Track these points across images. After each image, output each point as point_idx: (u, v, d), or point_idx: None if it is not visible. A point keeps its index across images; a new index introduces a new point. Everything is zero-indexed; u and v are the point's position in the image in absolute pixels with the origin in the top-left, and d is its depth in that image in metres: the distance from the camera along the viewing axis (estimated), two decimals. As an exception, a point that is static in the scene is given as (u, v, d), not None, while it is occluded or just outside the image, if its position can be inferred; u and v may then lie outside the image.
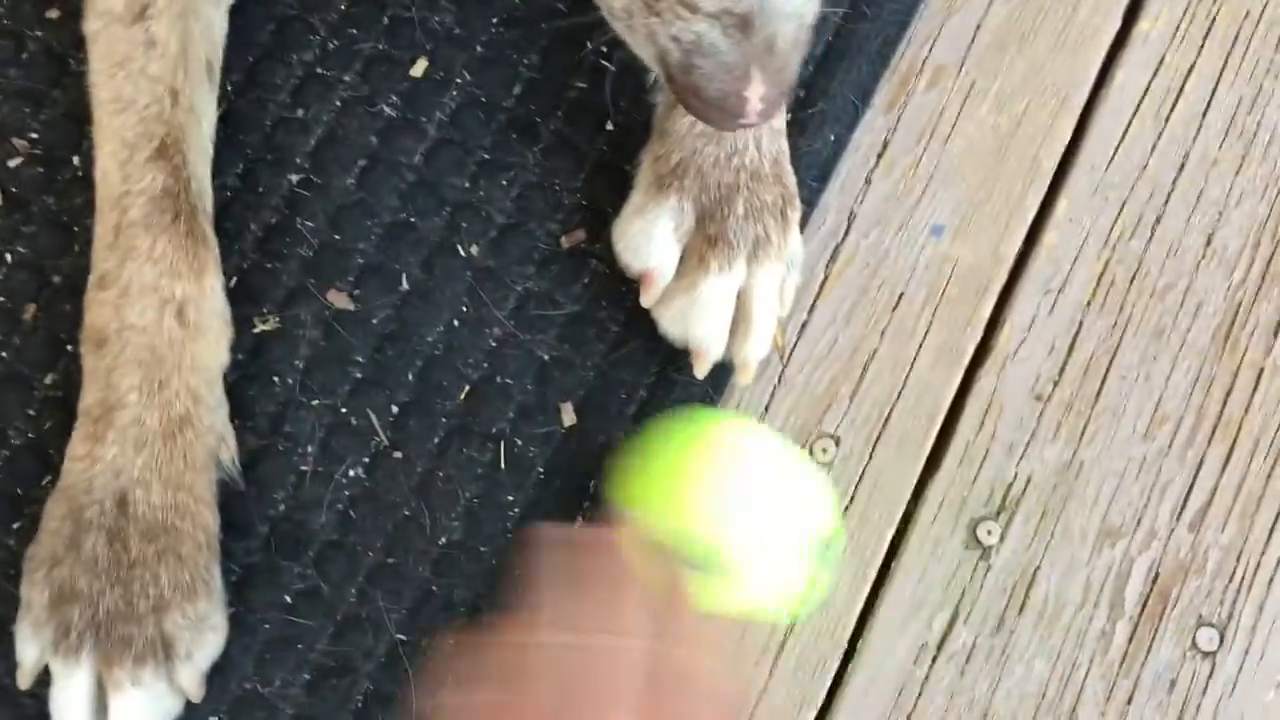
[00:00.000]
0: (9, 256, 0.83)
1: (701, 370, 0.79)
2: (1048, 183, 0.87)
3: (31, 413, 0.81)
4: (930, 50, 0.89)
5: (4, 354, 0.82)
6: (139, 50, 0.76)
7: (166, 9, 0.77)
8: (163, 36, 0.77)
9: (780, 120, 0.79)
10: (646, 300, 0.79)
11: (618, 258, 0.80)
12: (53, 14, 0.87)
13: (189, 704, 0.75)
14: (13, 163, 0.84)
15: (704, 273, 0.77)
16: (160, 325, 0.75)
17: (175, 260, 0.75)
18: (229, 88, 0.85)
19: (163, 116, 0.76)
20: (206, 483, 0.76)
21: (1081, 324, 0.85)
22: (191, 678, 0.74)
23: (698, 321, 0.78)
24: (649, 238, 0.78)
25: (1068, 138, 0.88)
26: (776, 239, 0.77)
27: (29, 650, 0.73)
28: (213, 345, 0.77)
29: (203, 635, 0.75)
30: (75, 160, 0.85)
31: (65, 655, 0.72)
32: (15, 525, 0.79)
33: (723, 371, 0.82)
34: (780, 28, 0.63)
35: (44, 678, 0.74)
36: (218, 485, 0.78)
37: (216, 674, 0.76)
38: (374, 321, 0.83)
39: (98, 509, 0.73)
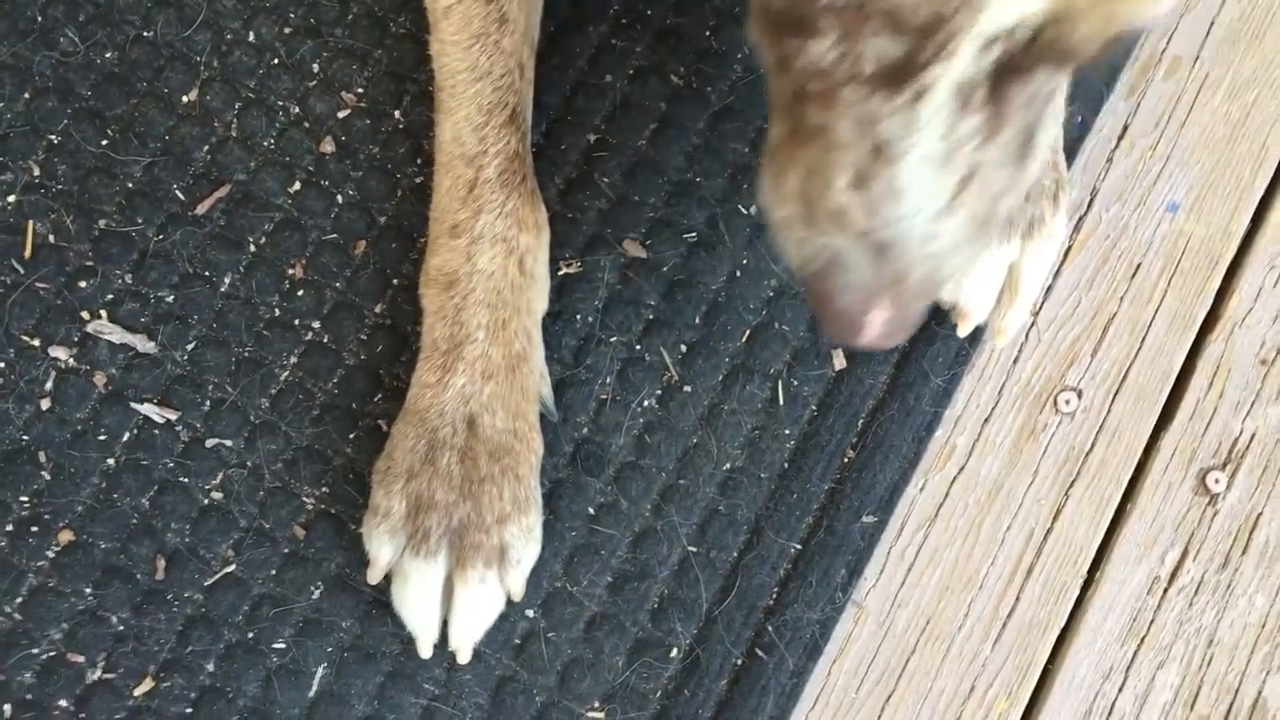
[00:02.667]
0: (340, 198, 0.96)
1: (965, 330, 0.91)
2: (1275, 166, 0.99)
3: (364, 337, 0.94)
4: (1168, 43, 1.00)
5: (338, 285, 0.95)
6: (494, 25, 0.88)
7: None
8: (514, 14, 0.89)
9: (1060, 109, 0.90)
10: None
11: None
12: (375, -19, 0.99)
13: (509, 599, 0.88)
14: (342, 114, 0.97)
15: None
16: (506, 271, 0.87)
17: (522, 214, 0.88)
18: (533, 54, 0.98)
19: (514, 86, 0.88)
20: (535, 412, 0.89)
21: (1304, 296, 0.96)
22: (518, 580, 0.87)
23: (971, 286, 0.89)
24: None
25: (1293, 127, 0.99)
26: (1049, 220, 0.89)
27: (385, 551, 0.86)
28: (541, 292, 0.90)
29: (529, 545, 0.88)
30: (397, 114, 0.98)
31: (425, 557, 0.85)
32: (352, 435, 0.93)
33: (978, 328, 0.94)
34: (914, 266, 0.65)
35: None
36: (532, 410, 0.91)
37: (531, 573, 0.89)
38: (664, 269, 0.96)
39: (450, 430, 0.86)
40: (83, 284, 0.93)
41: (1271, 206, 0.98)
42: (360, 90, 0.98)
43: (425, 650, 0.87)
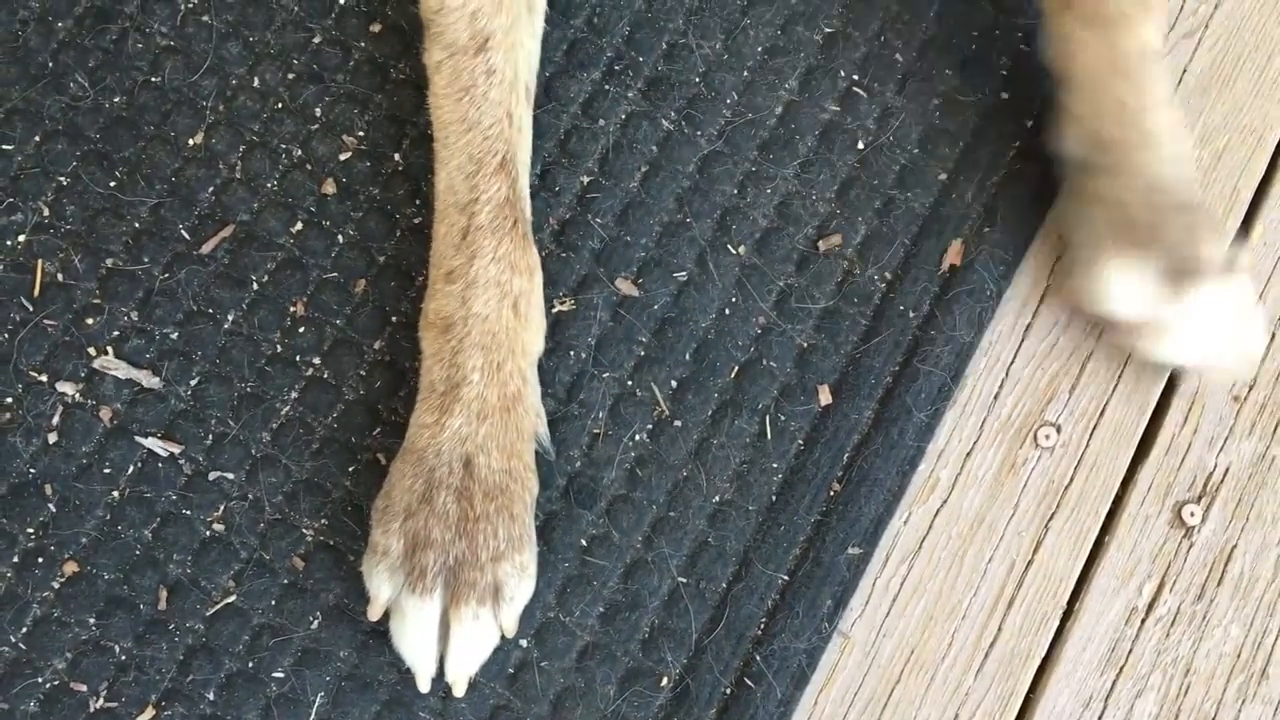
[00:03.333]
0: (340, 238, 0.99)
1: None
2: (1245, 210, 1.02)
3: (363, 373, 0.97)
4: (1142, 90, 1.03)
5: (338, 322, 0.98)
6: (481, 78, 0.92)
7: (503, 41, 0.92)
8: (500, 66, 0.92)
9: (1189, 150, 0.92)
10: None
11: (1088, 299, 0.94)
12: (376, 28, 1.04)
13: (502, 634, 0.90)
14: (343, 156, 1.01)
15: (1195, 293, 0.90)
16: (500, 315, 0.90)
17: (515, 259, 0.91)
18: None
19: (503, 135, 0.92)
20: (531, 452, 0.92)
21: (1275, 335, 1.00)
22: (512, 617, 0.90)
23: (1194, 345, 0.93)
24: (1125, 287, 0.92)
25: (1263, 171, 1.03)
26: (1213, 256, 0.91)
27: (384, 589, 0.89)
28: (536, 334, 0.93)
29: (523, 581, 0.90)
30: (396, 157, 1.01)
31: (421, 594, 0.87)
32: (351, 469, 0.95)
33: (959, 361, 0.97)
34: None
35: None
36: (527, 445, 0.94)
37: (524, 605, 0.91)
38: (655, 307, 0.99)
39: (447, 470, 0.89)
40: (90, 321, 0.96)
41: (1242, 249, 1.02)
42: (361, 134, 1.01)
43: (424, 685, 0.89)
